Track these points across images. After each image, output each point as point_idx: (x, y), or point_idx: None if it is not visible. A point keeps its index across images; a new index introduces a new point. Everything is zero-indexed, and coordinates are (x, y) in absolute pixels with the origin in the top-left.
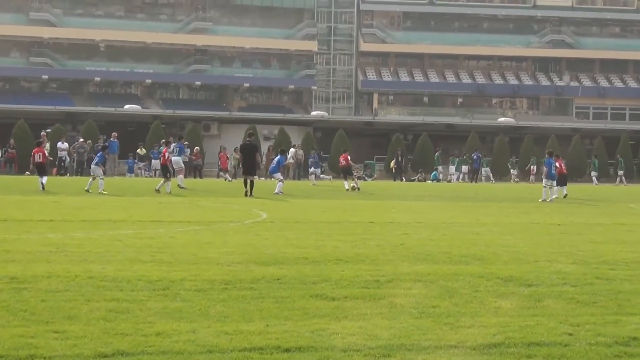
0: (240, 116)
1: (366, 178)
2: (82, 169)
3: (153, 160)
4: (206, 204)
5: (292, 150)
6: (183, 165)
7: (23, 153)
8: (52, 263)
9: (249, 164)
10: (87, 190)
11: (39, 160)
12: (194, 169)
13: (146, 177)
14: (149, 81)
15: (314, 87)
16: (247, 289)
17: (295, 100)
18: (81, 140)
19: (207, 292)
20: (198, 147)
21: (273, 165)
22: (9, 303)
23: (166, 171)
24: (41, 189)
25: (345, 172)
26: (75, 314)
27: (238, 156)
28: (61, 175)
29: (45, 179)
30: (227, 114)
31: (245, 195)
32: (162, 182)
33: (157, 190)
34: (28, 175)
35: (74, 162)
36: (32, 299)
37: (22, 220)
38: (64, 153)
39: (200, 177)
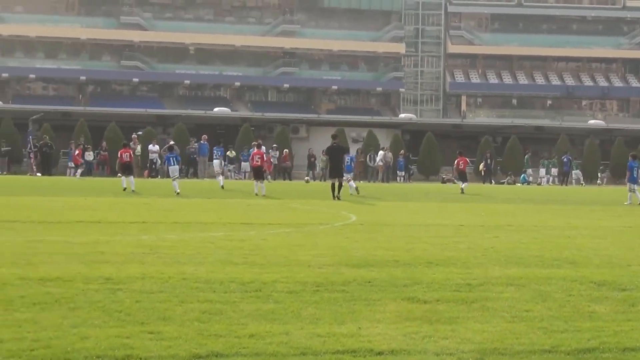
0: (328, 118)
1: (455, 181)
2: None
3: (242, 163)
4: (296, 206)
5: (380, 152)
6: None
7: (115, 155)
8: (145, 264)
9: (336, 166)
10: (177, 193)
11: (126, 160)
12: (282, 171)
13: (236, 179)
14: (237, 84)
15: (401, 90)
16: (339, 291)
17: (383, 103)
18: (171, 142)
19: (299, 294)
20: (287, 150)
21: (349, 165)
22: (104, 303)
23: (259, 173)
24: (128, 188)
25: (462, 176)
26: (169, 315)
27: (325, 158)
28: (152, 177)
29: (132, 180)
30: (316, 117)
31: (334, 198)
32: (255, 185)
33: (257, 194)
34: (120, 177)
35: (164, 164)
36: (126, 300)
37: (115, 222)
38: (155, 155)
39: (290, 179)
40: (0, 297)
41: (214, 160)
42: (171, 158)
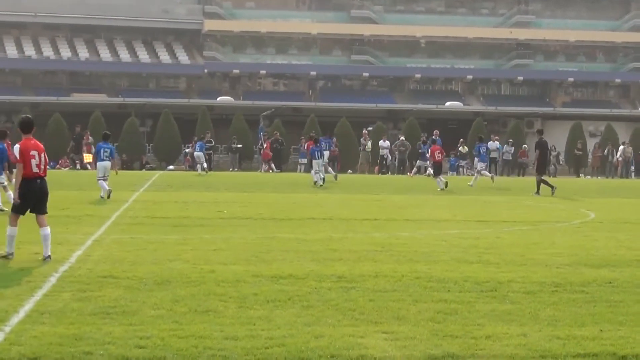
0: (564, 112)
1: None
2: (403, 167)
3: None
4: (531, 203)
5: (621, 147)
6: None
7: (345, 150)
8: (378, 262)
9: (544, 161)
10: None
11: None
12: (519, 167)
13: (468, 175)
14: (469, 77)
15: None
16: (578, 292)
17: (622, 95)
18: (402, 138)
19: (536, 294)
20: (526, 146)
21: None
22: (337, 302)
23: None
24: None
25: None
26: (403, 315)
27: (554, 153)
28: (383, 173)
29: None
30: (551, 110)
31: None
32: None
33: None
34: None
35: (395, 160)
36: (360, 299)
37: (346, 219)
38: (386, 151)
39: (524, 175)
40: (235, 294)
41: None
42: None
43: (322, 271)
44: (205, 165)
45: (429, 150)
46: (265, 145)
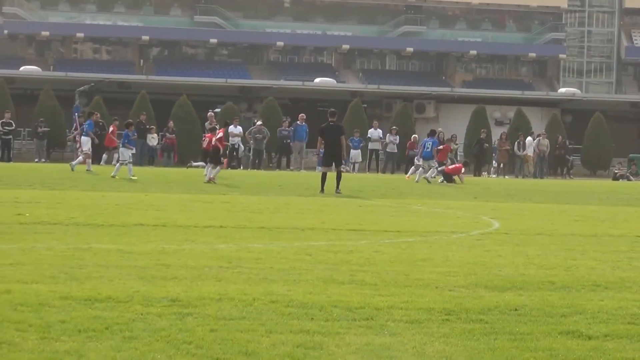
0: (464, 93)
1: (631, 177)
2: (259, 159)
3: (352, 151)
4: (420, 208)
5: (529, 139)
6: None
7: (184, 138)
8: (223, 282)
9: (333, 151)
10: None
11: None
12: (409, 161)
13: (343, 172)
14: (345, 47)
15: (562, 56)
16: (476, 321)
17: (537, 73)
18: (259, 123)
19: (423, 324)
20: (416, 135)
21: (428, 150)
22: (169, 333)
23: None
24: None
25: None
26: (253, 349)
27: (456, 146)
28: (233, 168)
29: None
30: (448, 91)
31: (322, 191)
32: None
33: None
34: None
35: (249, 151)
36: (198, 328)
37: (184, 226)
38: (237, 139)
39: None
40: (36, 321)
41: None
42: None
43: (151, 293)
44: None
45: (438, 148)
46: (111, 129)
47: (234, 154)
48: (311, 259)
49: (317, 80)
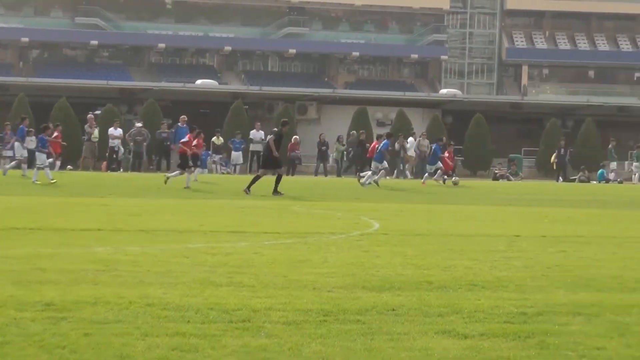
0: (346, 95)
1: (511, 177)
2: (139, 162)
3: (233, 152)
4: (301, 209)
5: (410, 139)
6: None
7: (66, 140)
8: (99, 285)
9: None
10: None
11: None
12: (289, 163)
13: (223, 173)
14: (228, 48)
15: (443, 57)
16: (353, 322)
17: (419, 75)
18: (139, 125)
19: (300, 325)
20: (297, 137)
21: (380, 153)
22: (43, 337)
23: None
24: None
25: None
26: (128, 353)
27: (342, 147)
28: (113, 170)
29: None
30: (330, 92)
31: (246, 191)
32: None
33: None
34: (70, 169)
35: (129, 153)
36: (72, 333)
37: (61, 230)
38: (117, 142)
39: (293, 174)
40: None
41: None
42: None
43: (25, 297)
44: None
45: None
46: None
47: (114, 156)
48: (189, 262)
49: (199, 82)
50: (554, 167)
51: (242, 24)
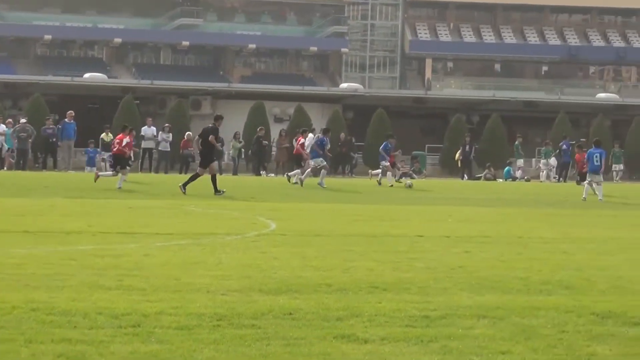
0: (242, 89)
1: (414, 175)
2: (24, 160)
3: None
4: (195, 209)
5: (310, 135)
6: None
7: None
8: None
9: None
10: None
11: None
12: (182, 161)
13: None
14: (118, 40)
15: (344, 50)
16: (248, 326)
17: (318, 68)
18: (23, 121)
19: (193, 330)
20: (190, 133)
21: (314, 150)
22: None
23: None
24: None
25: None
26: None
27: (239, 145)
28: None
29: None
30: (226, 86)
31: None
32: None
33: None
34: None
35: (14, 152)
36: None
37: None
38: (1, 139)
39: (187, 172)
40: None
41: None
42: None
43: None
44: None
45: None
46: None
47: None
48: (76, 264)
49: (87, 75)
50: (459, 165)
51: (132, 15)
